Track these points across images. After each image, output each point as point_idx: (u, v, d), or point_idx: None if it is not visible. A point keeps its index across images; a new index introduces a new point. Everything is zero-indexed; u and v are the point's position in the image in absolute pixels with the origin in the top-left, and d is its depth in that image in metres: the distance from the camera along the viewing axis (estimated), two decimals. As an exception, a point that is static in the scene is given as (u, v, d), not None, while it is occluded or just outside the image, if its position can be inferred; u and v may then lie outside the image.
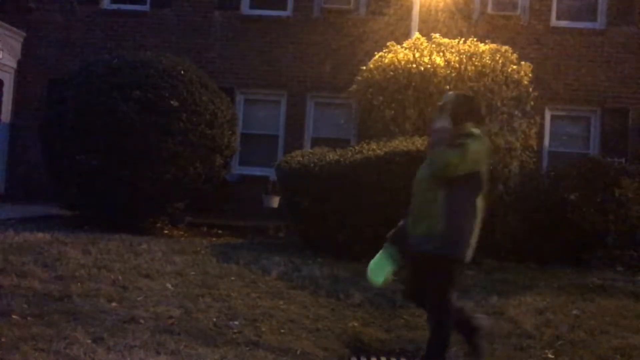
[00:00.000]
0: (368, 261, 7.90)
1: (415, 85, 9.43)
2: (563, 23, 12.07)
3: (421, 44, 9.87)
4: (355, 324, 5.02)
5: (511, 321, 5.29)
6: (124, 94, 8.46)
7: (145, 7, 12.64)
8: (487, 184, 3.98)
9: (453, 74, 9.41)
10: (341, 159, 8.10)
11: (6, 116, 12.41)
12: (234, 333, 4.48)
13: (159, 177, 8.45)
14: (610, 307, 6.02)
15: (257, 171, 11.63)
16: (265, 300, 5.41)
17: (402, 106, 9.47)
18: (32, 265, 5.84)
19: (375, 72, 9.93)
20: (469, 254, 3.93)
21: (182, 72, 9.00)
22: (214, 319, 4.72)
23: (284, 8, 12.47)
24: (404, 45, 10.02)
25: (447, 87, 9.33)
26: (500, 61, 9.69)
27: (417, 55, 9.64)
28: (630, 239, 8.72)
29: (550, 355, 4.52)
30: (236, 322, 4.69)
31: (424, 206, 3.98)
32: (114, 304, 4.89)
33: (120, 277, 5.68)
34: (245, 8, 12.51)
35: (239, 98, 12.28)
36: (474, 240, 3.92)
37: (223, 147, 9.24)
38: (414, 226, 4.03)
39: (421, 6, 11.25)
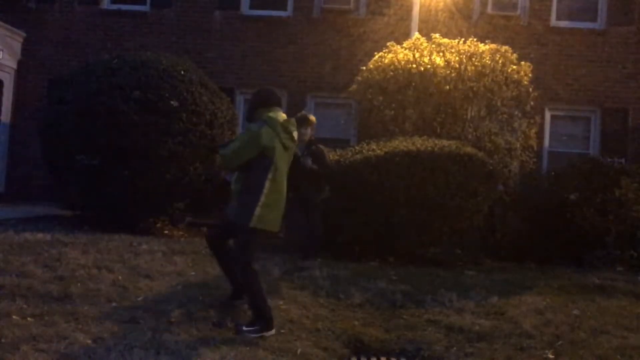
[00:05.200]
0: (368, 261, 7.93)
1: (415, 85, 9.44)
2: (563, 23, 12.07)
3: (421, 44, 9.87)
4: (355, 324, 5.02)
5: (511, 321, 5.30)
6: (124, 94, 8.45)
7: (145, 7, 12.64)
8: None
9: (453, 74, 9.42)
10: (341, 159, 8.11)
11: (6, 116, 12.40)
12: (234, 333, 4.48)
13: (159, 177, 8.44)
14: (610, 307, 6.02)
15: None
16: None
17: (402, 106, 9.47)
18: (32, 265, 5.84)
19: (375, 72, 9.94)
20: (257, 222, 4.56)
21: (182, 72, 8.99)
22: (214, 319, 4.72)
23: (284, 8, 12.47)
24: (404, 45, 10.02)
25: (447, 87, 9.35)
26: (500, 61, 9.70)
27: (417, 55, 9.65)
28: (630, 239, 8.72)
29: (550, 355, 4.52)
30: (236, 322, 4.68)
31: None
32: (114, 304, 4.89)
33: (120, 277, 5.68)
34: (245, 8, 12.52)
35: (239, 98, 12.28)
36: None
37: (223, 147, 9.24)
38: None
39: (421, 6, 11.26)
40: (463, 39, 10.04)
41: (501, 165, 9.16)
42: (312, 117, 7.49)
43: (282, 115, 4.79)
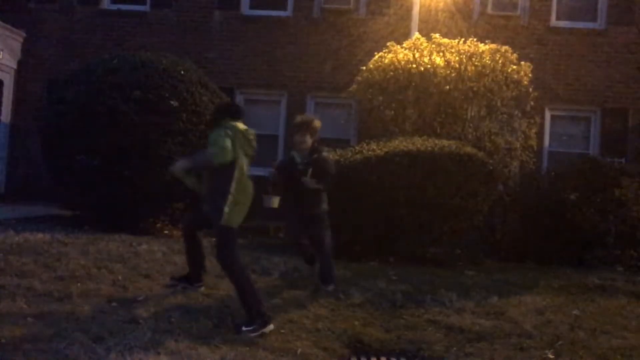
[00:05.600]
0: (368, 261, 7.91)
1: (415, 85, 9.44)
2: (563, 23, 12.08)
3: (421, 44, 9.87)
4: (356, 324, 5.02)
5: (511, 321, 5.29)
6: (124, 94, 8.45)
7: (145, 7, 12.65)
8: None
9: (453, 74, 9.42)
10: (341, 159, 8.10)
11: (6, 116, 12.41)
12: (234, 333, 4.48)
13: (159, 177, 8.43)
14: (610, 307, 6.02)
15: (257, 171, 11.59)
16: (265, 300, 5.41)
17: (402, 106, 9.48)
18: (32, 265, 5.84)
19: (375, 72, 9.94)
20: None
21: (182, 72, 8.99)
22: (214, 319, 4.72)
23: (284, 8, 12.48)
24: (404, 45, 10.02)
25: (447, 87, 9.35)
26: (500, 61, 9.70)
27: (417, 55, 9.65)
28: (630, 239, 8.72)
29: (550, 355, 4.52)
30: (236, 322, 4.68)
31: None
32: (114, 304, 4.89)
33: (120, 277, 5.68)
34: (245, 8, 12.52)
35: (239, 98, 12.28)
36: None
37: (223, 147, 9.23)
38: None
39: (421, 6, 11.26)
40: (463, 39, 10.04)
41: (501, 165, 9.16)
42: (316, 122, 6.33)
43: (242, 125, 4.98)
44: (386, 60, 9.89)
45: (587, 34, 11.96)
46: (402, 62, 9.63)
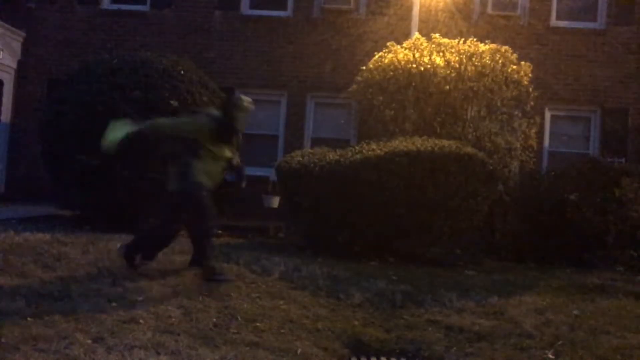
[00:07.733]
0: (368, 261, 7.92)
1: (415, 85, 9.44)
2: (563, 23, 12.07)
3: (421, 44, 9.87)
4: (356, 324, 5.02)
5: (511, 321, 5.30)
6: (124, 94, 8.45)
7: (145, 7, 12.64)
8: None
9: (453, 74, 9.42)
10: (341, 159, 8.10)
11: (6, 116, 12.40)
12: (234, 333, 4.48)
13: (159, 178, 8.43)
14: (610, 307, 6.02)
15: (257, 171, 11.59)
16: (265, 300, 5.41)
17: (402, 106, 9.47)
18: (32, 265, 5.84)
19: (375, 72, 9.94)
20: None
21: (182, 72, 8.99)
22: (214, 319, 4.72)
23: (284, 8, 12.47)
24: (404, 45, 10.02)
25: (447, 87, 9.35)
26: (500, 61, 9.70)
27: (417, 55, 9.65)
28: (630, 239, 8.72)
29: (550, 355, 4.53)
30: (236, 322, 4.69)
31: None
32: (114, 304, 4.89)
33: (120, 277, 5.68)
34: (245, 8, 12.52)
35: (239, 98, 12.27)
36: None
37: (223, 147, 9.24)
38: None
39: (421, 6, 11.26)
40: (463, 39, 10.04)
41: (501, 165, 9.16)
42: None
43: None
44: (386, 60, 9.89)
45: (587, 34, 11.95)
46: (402, 62, 9.63)
